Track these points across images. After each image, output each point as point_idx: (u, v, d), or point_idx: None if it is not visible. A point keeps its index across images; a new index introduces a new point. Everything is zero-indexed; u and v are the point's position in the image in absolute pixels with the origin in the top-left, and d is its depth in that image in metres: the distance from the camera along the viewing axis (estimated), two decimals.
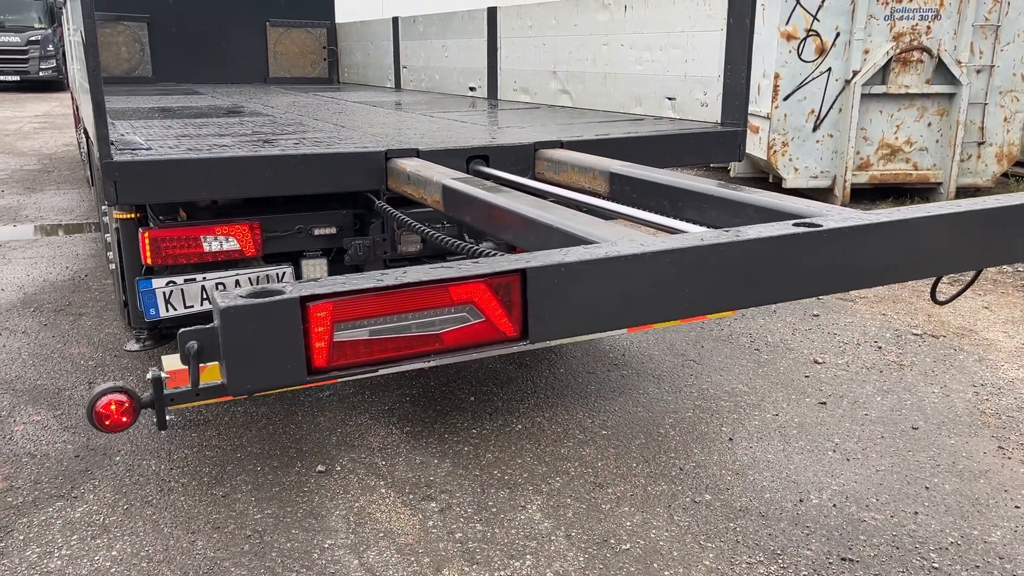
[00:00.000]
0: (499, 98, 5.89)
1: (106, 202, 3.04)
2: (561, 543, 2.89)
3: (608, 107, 4.77)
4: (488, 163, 3.28)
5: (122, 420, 1.91)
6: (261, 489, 3.20)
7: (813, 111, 7.91)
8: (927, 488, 3.26)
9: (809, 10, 7.60)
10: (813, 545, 2.90)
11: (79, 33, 2.88)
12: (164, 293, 3.11)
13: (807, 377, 4.30)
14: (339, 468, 3.36)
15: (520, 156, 3.35)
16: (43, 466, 3.34)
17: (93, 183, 6.17)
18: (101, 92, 2.61)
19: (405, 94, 6.91)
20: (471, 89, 6.30)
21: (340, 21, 9.38)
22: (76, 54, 4.26)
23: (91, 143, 3.93)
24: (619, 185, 2.89)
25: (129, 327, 3.42)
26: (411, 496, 3.17)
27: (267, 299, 1.36)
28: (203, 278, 3.16)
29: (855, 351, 4.66)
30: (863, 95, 7.81)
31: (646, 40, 4.40)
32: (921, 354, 4.61)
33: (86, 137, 5.55)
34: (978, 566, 2.79)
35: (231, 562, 2.77)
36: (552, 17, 5.15)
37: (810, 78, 7.80)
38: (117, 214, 3.20)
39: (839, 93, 7.89)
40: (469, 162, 3.25)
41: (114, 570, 2.71)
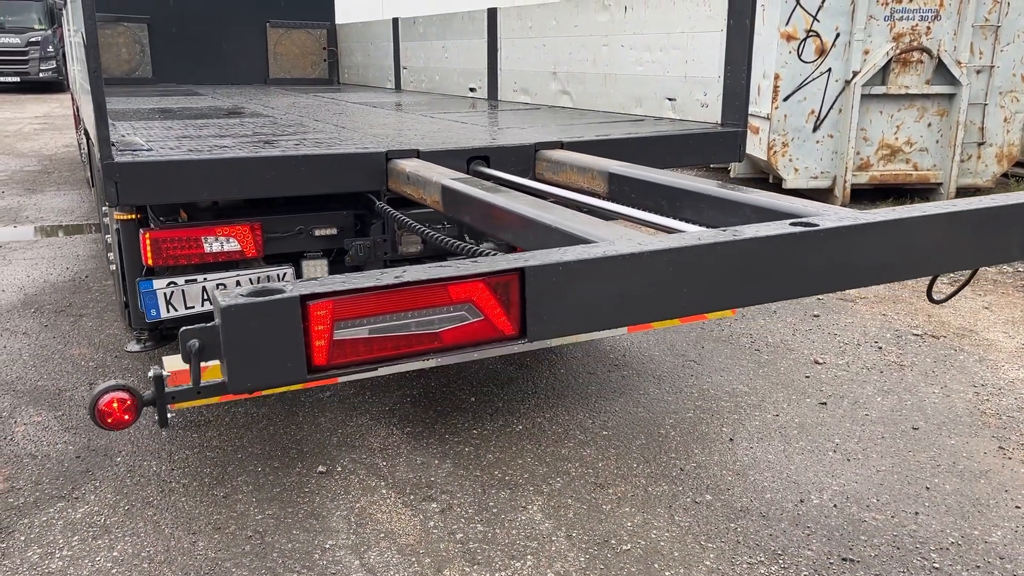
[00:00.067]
0: (499, 99, 5.89)
1: (107, 203, 3.04)
2: (562, 543, 2.89)
3: (608, 108, 4.77)
4: (489, 164, 3.28)
5: (124, 418, 1.92)
6: (262, 490, 3.20)
7: (813, 112, 7.91)
8: (928, 488, 3.26)
9: (809, 11, 7.61)
10: (814, 545, 2.90)
11: (80, 34, 2.88)
12: (165, 294, 3.11)
13: (807, 377, 4.30)
14: (340, 469, 3.37)
15: (521, 157, 3.35)
16: (44, 467, 3.34)
17: (93, 184, 6.17)
18: (102, 93, 2.62)
19: (405, 95, 6.91)
20: (471, 90, 6.30)
21: (340, 22, 9.39)
22: (77, 55, 4.26)
23: (92, 144, 3.94)
24: (618, 185, 2.90)
25: (130, 328, 3.42)
26: (412, 497, 3.17)
27: (267, 298, 1.36)
28: (204, 279, 3.17)
29: (855, 351, 4.66)
30: (863, 95, 7.81)
31: (646, 41, 4.40)
32: (921, 354, 4.61)
33: (86, 138, 5.55)
34: (979, 566, 2.79)
35: (232, 563, 2.77)
36: (552, 18, 5.16)
37: (810, 79, 7.80)
38: (118, 215, 3.20)
39: (839, 94, 7.89)
40: (470, 163, 3.25)
41: (115, 571, 2.71)
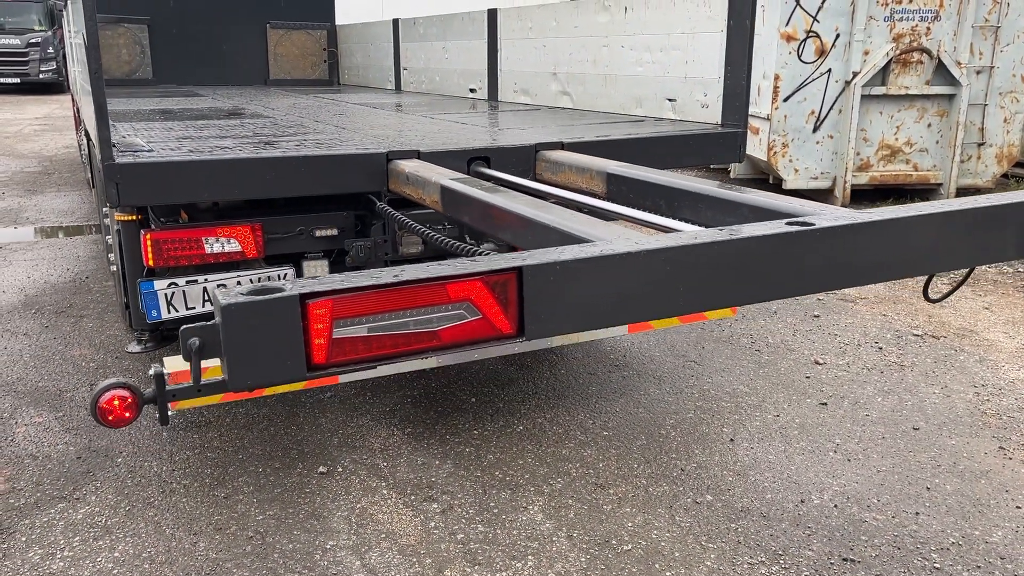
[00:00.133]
0: (499, 100, 5.89)
1: (107, 204, 3.04)
2: (563, 544, 2.89)
3: (608, 108, 4.78)
4: (489, 164, 3.28)
5: (125, 415, 1.92)
6: (263, 490, 3.21)
7: (813, 112, 7.91)
8: (928, 488, 3.26)
9: (809, 11, 7.61)
10: (814, 546, 2.90)
11: (81, 35, 2.88)
12: (166, 295, 3.12)
13: (808, 378, 4.31)
14: (341, 469, 3.37)
15: (521, 157, 3.35)
16: (45, 468, 3.34)
17: (94, 185, 6.17)
18: (103, 94, 2.62)
19: (405, 96, 6.91)
20: (471, 91, 6.30)
21: (340, 23, 9.39)
22: (77, 56, 4.27)
23: (92, 145, 3.94)
24: (616, 185, 2.90)
25: (130, 329, 3.42)
26: (413, 497, 3.18)
27: (267, 296, 1.37)
28: (205, 280, 3.17)
29: (856, 352, 4.66)
30: (863, 96, 7.81)
31: (646, 41, 4.40)
32: (922, 355, 4.62)
33: (87, 139, 5.55)
34: (979, 566, 2.79)
35: (233, 563, 2.77)
36: (552, 19, 5.16)
37: (810, 79, 7.80)
38: (118, 216, 3.20)
39: (839, 94, 7.89)
40: (470, 163, 3.26)
41: (116, 571, 2.71)
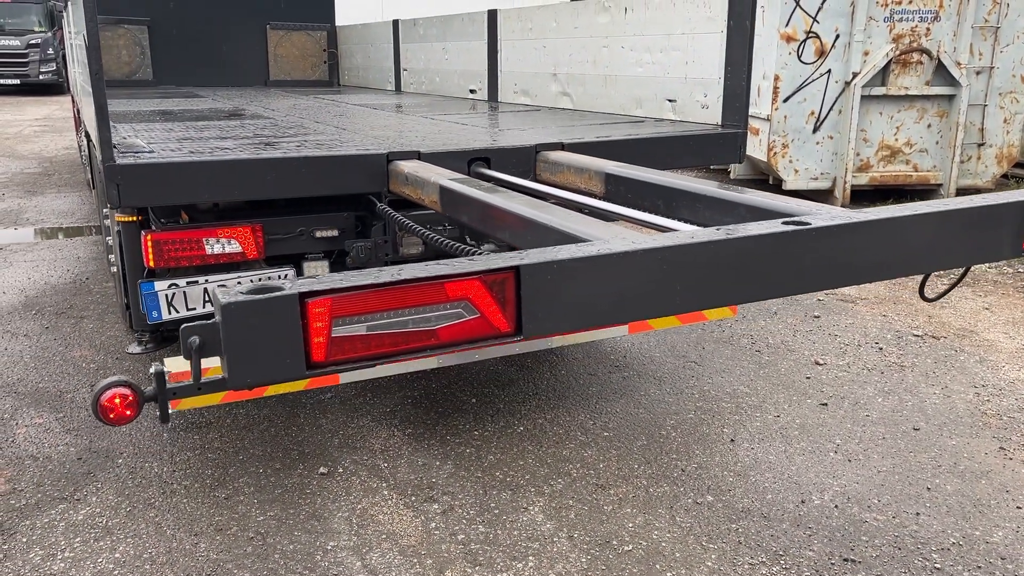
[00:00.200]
0: (499, 100, 5.90)
1: (108, 205, 3.04)
2: (563, 544, 2.89)
3: (609, 109, 4.78)
4: (490, 165, 3.28)
5: (126, 413, 1.93)
6: (264, 491, 3.21)
7: (813, 113, 7.92)
8: (929, 489, 3.26)
9: (809, 12, 7.61)
10: (815, 546, 2.90)
11: (81, 36, 2.89)
12: (166, 295, 3.12)
13: (808, 378, 4.31)
14: (341, 470, 3.37)
15: (521, 158, 3.36)
16: (46, 468, 3.34)
17: (94, 186, 6.17)
18: (104, 95, 2.62)
19: (406, 97, 6.91)
20: (472, 91, 6.31)
21: (340, 24, 9.40)
22: (78, 57, 4.27)
23: (93, 146, 3.94)
24: (614, 186, 2.91)
25: (131, 330, 3.43)
26: (413, 498, 3.18)
27: (267, 295, 1.38)
28: (205, 280, 3.17)
29: (856, 352, 4.66)
30: (863, 97, 7.81)
31: (646, 42, 4.40)
32: (922, 355, 4.62)
33: (87, 140, 5.55)
34: (980, 567, 2.79)
35: (234, 564, 2.77)
36: (552, 19, 5.16)
37: (810, 80, 7.80)
38: (119, 217, 3.20)
39: (839, 95, 7.89)
40: (471, 164, 3.26)
41: (117, 572, 2.72)
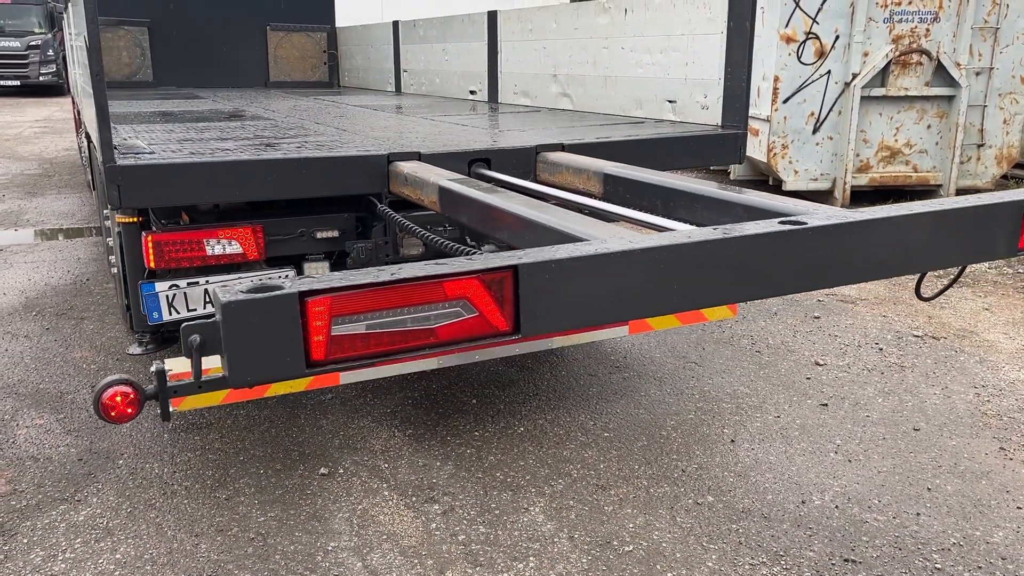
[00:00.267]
0: (500, 101, 5.90)
1: (108, 206, 3.05)
2: (564, 545, 2.90)
3: (609, 110, 4.78)
4: (490, 166, 3.29)
5: (127, 411, 1.94)
6: (264, 492, 3.21)
7: (813, 113, 7.92)
8: (929, 489, 3.27)
9: (808, 13, 7.62)
10: (815, 546, 2.90)
11: (82, 38, 2.89)
12: (167, 296, 3.12)
13: (808, 379, 4.31)
14: (342, 471, 3.37)
15: (522, 159, 3.36)
16: (46, 469, 3.34)
17: (94, 187, 6.18)
18: (104, 96, 2.63)
19: (406, 98, 6.92)
20: (472, 92, 6.31)
21: (340, 25, 9.41)
22: (78, 59, 4.27)
23: (93, 147, 3.94)
24: (613, 186, 2.92)
25: (131, 331, 3.43)
26: (414, 498, 3.18)
27: (267, 294, 1.39)
28: (206, 281, 3.17)
29: (856, 353, 4.66)
30: (863, 97, 7.82)
31: (646, 43, 4.41)
32: (922, 356, 4.62)
33: (87, 141, 5.56)
34: (980, 567, 2.79)
35: (235, 565, 2.77)
36: (552, 20, 5.17)
37: (810, 81, 7.81)
38: (120, 218, 3.21)
39: (839, 96, 7.90)
40: (471, 165, 3.26)
41: (118, 573, 2.72)
